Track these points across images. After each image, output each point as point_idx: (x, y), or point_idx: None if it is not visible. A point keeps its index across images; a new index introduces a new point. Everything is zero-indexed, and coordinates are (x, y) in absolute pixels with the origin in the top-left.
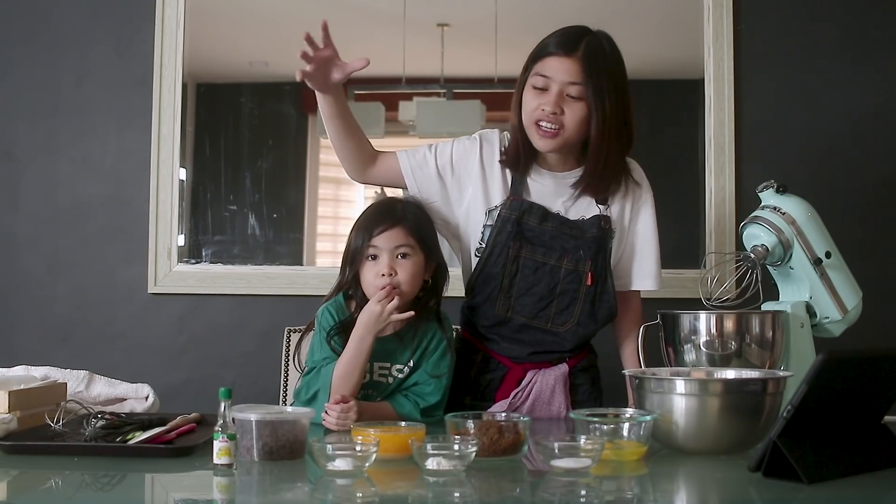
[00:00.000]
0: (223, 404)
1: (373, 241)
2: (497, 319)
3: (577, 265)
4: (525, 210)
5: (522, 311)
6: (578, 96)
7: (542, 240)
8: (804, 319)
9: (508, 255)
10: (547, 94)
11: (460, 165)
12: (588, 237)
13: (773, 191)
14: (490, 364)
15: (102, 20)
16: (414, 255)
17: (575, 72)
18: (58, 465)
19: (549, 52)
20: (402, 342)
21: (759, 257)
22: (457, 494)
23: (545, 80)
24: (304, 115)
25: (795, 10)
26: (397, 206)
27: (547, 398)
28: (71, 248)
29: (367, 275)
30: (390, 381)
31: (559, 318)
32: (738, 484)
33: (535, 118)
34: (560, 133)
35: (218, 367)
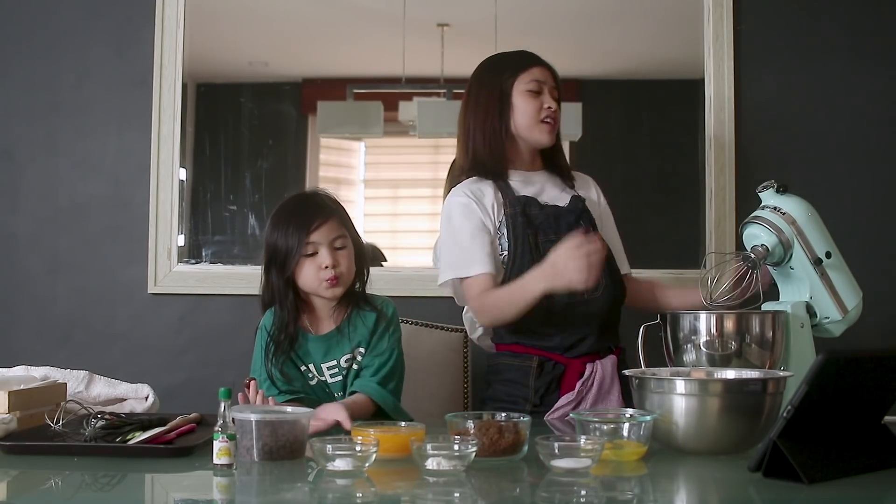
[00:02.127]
0: (223, 404)
1: (310, 237)
2: (543, 313)
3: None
4: (524, 203)
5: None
6: (558, 98)
7: (548, 223)
8: (804, 319)
9: (529, 243)
10: (542, 96)
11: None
12: (579, 210)
13: (773, 191)
14: (546, 367)
15: (102, 20)
16: (347, 244)
17: (551, 75)
18: (58, 465)
19: (532, 64)
20: (341, 334)
21: (759, 257)
22: (457, 494)
23: (538, 83)
24: (304, 115)
25: (795, 10)
26: (323, 200)
27: (608, 387)
28: (71, 248)
29: (307, 271)
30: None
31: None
32: (738, 484)
33: (541, 116)
34: (556, 126)
35: (218, 367)
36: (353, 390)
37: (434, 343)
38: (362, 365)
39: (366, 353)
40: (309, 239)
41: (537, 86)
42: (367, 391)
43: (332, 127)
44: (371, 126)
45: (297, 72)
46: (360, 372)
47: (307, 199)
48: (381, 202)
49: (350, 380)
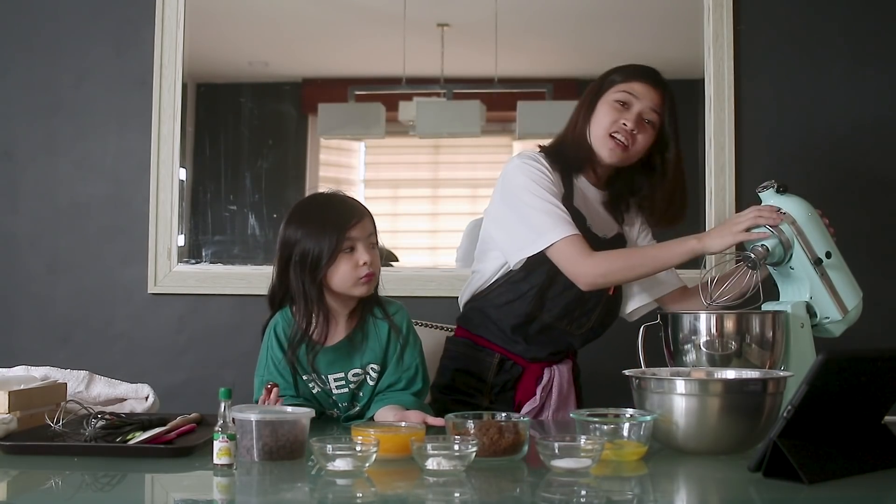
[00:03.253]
0: (223, 404)
1: (349, 233)
2: (523, 319)
3: None
4: (574, 216)
5: (553, 310)
6: (653, 123)
7: None
8: (804, 319)
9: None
10: (627, 112)
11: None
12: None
13: (773, 191)
14: (505, 365)
15: (102, 20)
16: (377, 243)
17: (659, 102)
18: (58, 465)
19: (638, 77)
20: (351, 345)
21: (759, 257)
22: (457, 494)
23: (631, 97)
24: (304, 115)
25: (795, 11)
26: (353, 199)
27: (566, 392)
28: (71, 248)
29: (343, 269)
30: (351, 388)
31: (578, 322)
32: (738, 484)
33: (614, 129)
34: (628, 150)
35: (218, 367)
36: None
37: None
38: (384, 382)
39: (383, 370)
40: (348, 234)
41: (626, 97)
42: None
43: (334, 129)
44: (372, 127)
45: (297, 72)
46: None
47: (339, 198)
48: (380, 202)
49: (365, 393)
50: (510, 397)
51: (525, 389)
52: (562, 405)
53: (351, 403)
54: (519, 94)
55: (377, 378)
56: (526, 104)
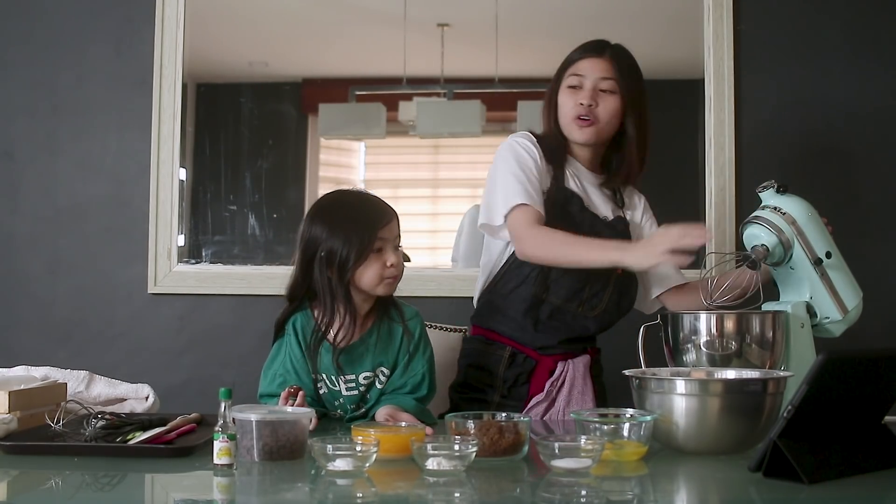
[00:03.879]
0: (223, 404)
1: (380, 233)
2: (531, 302)
3: None
4: (568, 198)
5: (558, 291)
6: (611, 90)
7: (580, 228)
8: (804, 319)
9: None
10: (581, 91)
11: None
12: (617, 230)
13: (773, 191)
14: (517, 358)
15: (102, 20)
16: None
17: (606, 69)
18: (58, 465)
19: (580, 56)
20: (364, 346)
21: (759, 257)
22: (457, 494)
23: (579, 78)
24: (304, 115)
25: (795, 10)
26: (382, 201)
27: (581, 387)
28: (71, 248)
29: (371, 268)
30: (361, 390)
31: (590, 303)
32: (738, 484)
33: (574, 114)
34: (595, 124)
35: (218, 367)
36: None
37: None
38: (390, 385)
39: (391, 373)
40: (379, 235)
41: (577, 80)
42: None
43: (334, 129)
44: (373, 127)
45: (297, 72)
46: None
47: (368, 197)
48: None
49: (373, 395)
50: (523, 392)
51: (538, 383)
52: (575, 401)
53: (358, 406)
54: (519, 94)
55: (386, 381)
56: (526, 104)
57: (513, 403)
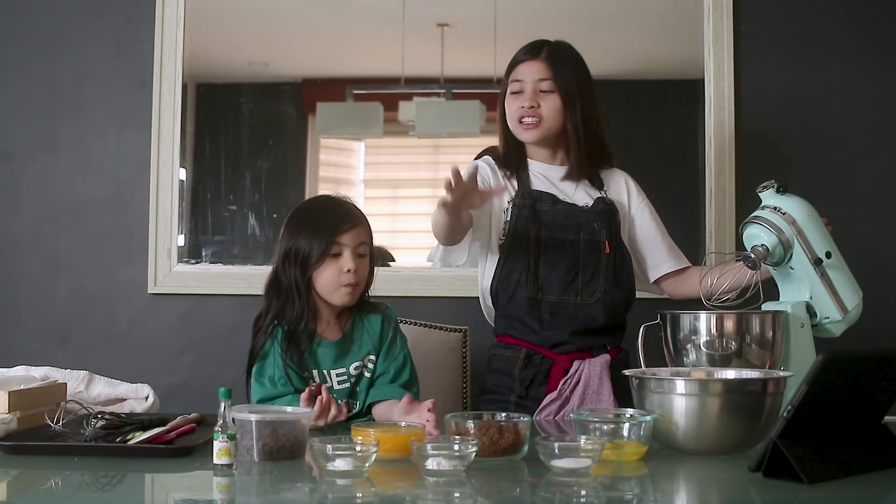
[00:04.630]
0: (223, 404)
1: (339, 238)
2: (530, 303)
3: (594, 236)
4: (536, 198)
5: (551, 289)
6: (550, 89)
7: (556, 220)
8: (804, 319)
9: (530, 237)
10: (523, 95)
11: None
12: (597, 211)
13: (773, 191)
14: (533, 359)
15: (102, 20)
16: (367, 253)
17: (542, 70)
18: (58, 465)
19: (518, 61)
20: (350, 340)
21: (759, 257)
22: (457, 494)
23: (520, 83)
24: (304, 115)
25: (795, 10)
26: (352, 206)
27: (596, 387)
28: (71, 248)
29: (328, 273)
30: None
31: (586, 290)
32: (738, 484)
33: (518, 116)
34: (540, 124)
35: (218, 367)
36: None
37: (433, 343)
38: (376, 373)
39: (377, 361)
40: (337, 239)
41: (518, 86)
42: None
43: (332, 128)
44: (371, 126)
45: (297, 72)
46: (374, 380)
47: (337, 202)
48: (380, 202)
49: (362, 388)
50: (540, 392)
51: (554, 383)
52: (590, 401)
53: (348, 402)
54: None
55: (373, 370)
56: None
57: (530, 404)
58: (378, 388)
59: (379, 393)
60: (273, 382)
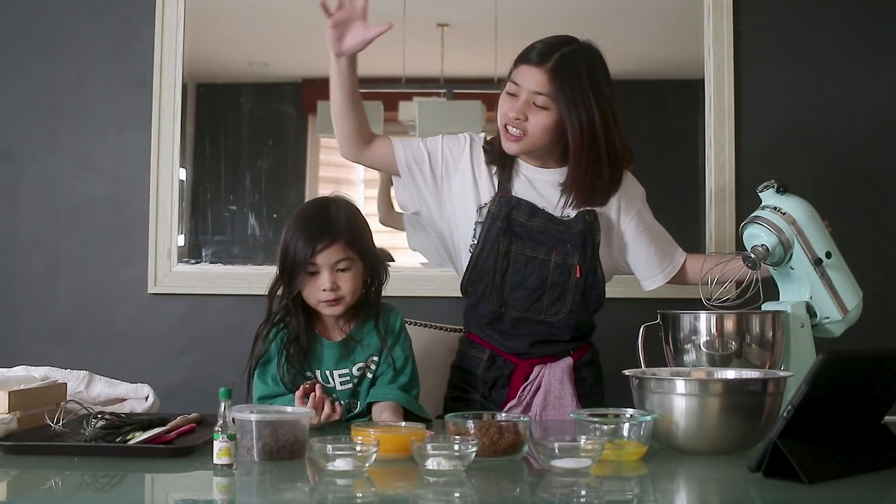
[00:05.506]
0: (223, 404)
1: (314, 258)
2: (492, 316)
3: (566, 258)
4: (514, 206)
5: (515, 304)
6: (544, 106)
7: (530, 234)
8: (804, 319)
9: (499, 251)
10: (516, 100)
11: (450, 160)
12: (574, 232)
13: (773, 191)
14: (496, 361)
15: (102, 20)
16: (353, 266)
17: (542, 82)
18: (58, 465)
19: (524, 61)
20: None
21: (759, 257)
22: (457, 494)
23: (516, 87)
24: (304, 115)
25: (795, 11)
26: (333, 219)
27: (557, 392)
28: (71, 248)
29: (309, 289)
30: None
31: (552, 309)
32: (738, 484)
33: (504, 121)
34: (523, 138)
35: (218, 367)
36: (374, 400)
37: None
38: (377, 374)
39: (380, 363)
40: (312, 260)
41: (514, 88)
42: (391, 398)
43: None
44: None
45: (297, 72)
46: (375, 381)
47: (321, 213)
48: None
49: (364, 389)
50: (503, 395)
51: (516, 387)
52: (552, 407)
53: (350, 402)
54: None
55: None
56: None
57: (493, 406)
58: (377, 388)
59: (377, 393)
60: (276, 381)
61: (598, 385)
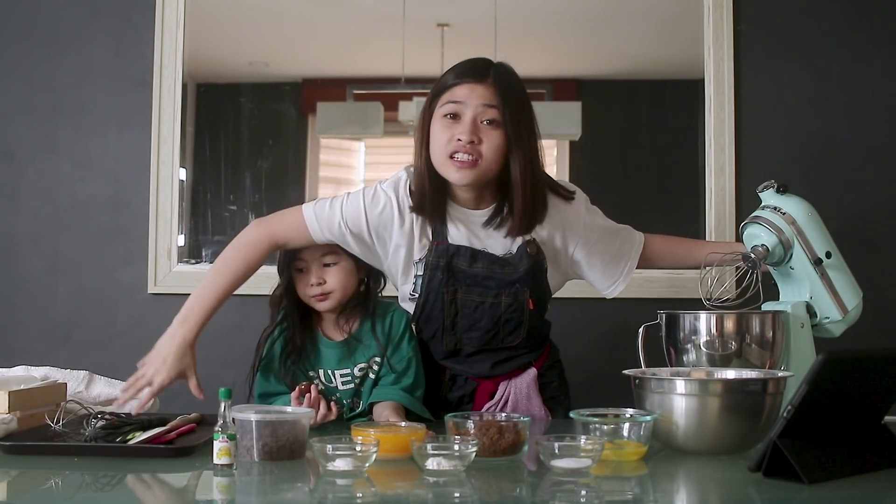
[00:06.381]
0: (223, 404)
1: (300, 254)
2: (447, 352)
3: (517, 297)
4: (452, 254)
5: (470, 342)
6: (494, 120)
7: (475, 280)
8: (804, 319)
9: (445, 300)
10: (460, 123)
11: (380, 229)
12: (521, 271)
13: (774, 191)
14: (458, 381)
15: (102, 20)
16: (340, 261)
17: (489, 95)
18: (58, 465)
19: (457, 81)
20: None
21: (759, 257)
22: (457, 494)
23: (457, 105)
24: (304, 115)
25: (795, 11)
26: None
27: (525, 404)
28: (71, 248)
29: (299, 285)
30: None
31: (508, 338)
32: (738, 484)
33: (450, 150)
34: (478, 164)
35: (218, 367)
36: (376, 400)
37: None
38: (380, 374)
39: (382, 364)
40: (299, 255)
41: (455, 108)
42: (393, 398)
43: (332, 127)
44: (371, 126)
45: (297, 72)
46: (377, 381)
47: None
48: None
49: (366, 388)
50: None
51: (482, 402)
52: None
53: (353, 401)
54: None
55: (378, 371)
56: None
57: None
58: (380, 388)
59: (379, 394)
60: (277, 379)
61: (562, 385)
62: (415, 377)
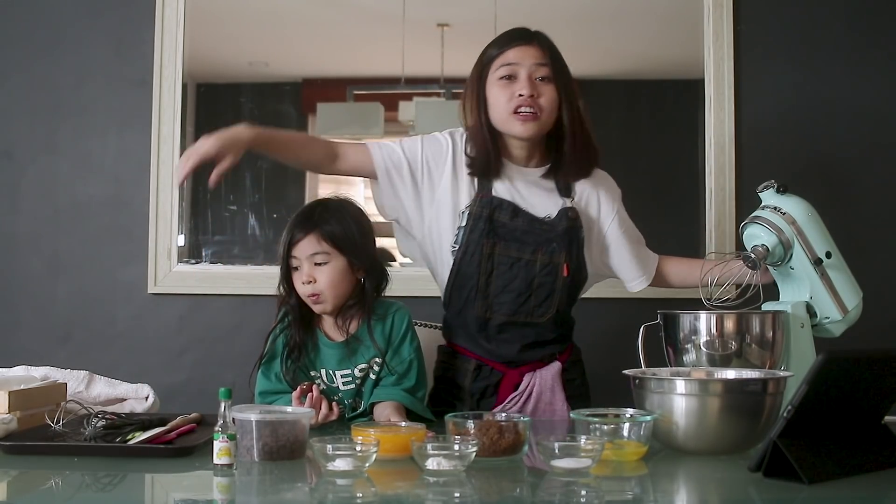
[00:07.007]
0: (223, 404)
1: (293, 251)
2: (478, 322)
3: (552, 258)
4: (496, 206)
5: (501, 308)
6: (546, 77)
7: (514, 235)
8: (804, 319)
9: (483, 253)
10: (517, 82)
11: (432, 166)
12: (559, 230)
13: (774, 191)
14: (483, 371)
15: (102, 20)
16: (332, 259)
17: (539, 55)
18: (58, 465)
19: (508, 44)
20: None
21: (759, 257)
22: (457, 494)
23: (512, 67)
24: (304, 115)
25: (795, 11)
26: (315, 212)
27: (549, 398)
28: (71, 248)
29: (296, 284)
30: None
31: (538, 311)
32: (738, 484)
33: (513, 107)
34: (539, 116)
35: (218, 367)
36: (377, 400)
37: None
38: (381, 375)
39: (383, 364)
40: (292, 254)
41: (511, 69)
42: (394, 398)
43: (333, 128)
44: (371, 126)
45: (297, 72)
46: (379, 381)
47: (305, 209)
48: None
49: (367, 389)
50: (491, 404)
51: (505, 396)
52: (542, 413)
53: (355, 401)
54: None
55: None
56: None
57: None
58: (381, 388)
59: (380, 394)
60: (279, 378)
61: (584, 384)
62: (416, 379)
